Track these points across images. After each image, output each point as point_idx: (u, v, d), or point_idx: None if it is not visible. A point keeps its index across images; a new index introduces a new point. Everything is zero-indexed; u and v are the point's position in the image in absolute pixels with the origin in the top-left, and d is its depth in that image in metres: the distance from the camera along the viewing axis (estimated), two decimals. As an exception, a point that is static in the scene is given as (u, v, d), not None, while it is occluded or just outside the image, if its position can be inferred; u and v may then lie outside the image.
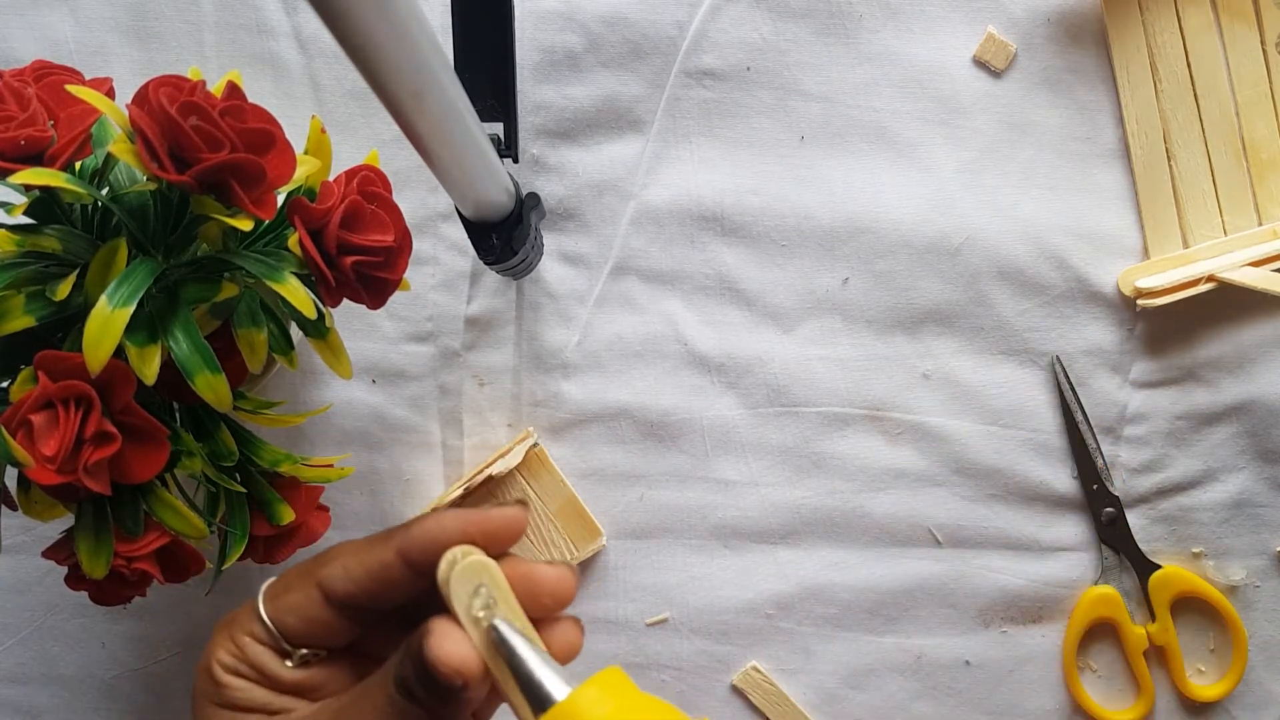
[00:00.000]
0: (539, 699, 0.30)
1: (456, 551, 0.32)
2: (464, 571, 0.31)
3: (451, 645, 0.30)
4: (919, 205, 0.53)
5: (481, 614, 0.31)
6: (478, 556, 0.32)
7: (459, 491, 0.52)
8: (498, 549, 0.33)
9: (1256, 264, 0.51)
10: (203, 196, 0.38)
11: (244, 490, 0.44)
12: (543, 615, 0.33)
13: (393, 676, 0.32)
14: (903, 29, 0.52)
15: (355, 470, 0.54)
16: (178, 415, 0.44)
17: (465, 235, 0.44)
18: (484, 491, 0.53)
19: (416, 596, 0.34)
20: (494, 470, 0.52)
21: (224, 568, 0.44)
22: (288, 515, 0.45)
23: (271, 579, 0.36)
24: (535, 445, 0.54)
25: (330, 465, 0.48)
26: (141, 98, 0.37)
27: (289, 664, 0.35)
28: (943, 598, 0.55)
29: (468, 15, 0.43)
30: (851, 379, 0.54)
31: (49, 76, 0.41)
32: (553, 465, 0.54)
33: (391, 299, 0.44)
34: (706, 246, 0.54)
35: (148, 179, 0.38)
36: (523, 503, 0.34)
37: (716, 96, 0.53)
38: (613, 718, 0.29)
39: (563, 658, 0.32)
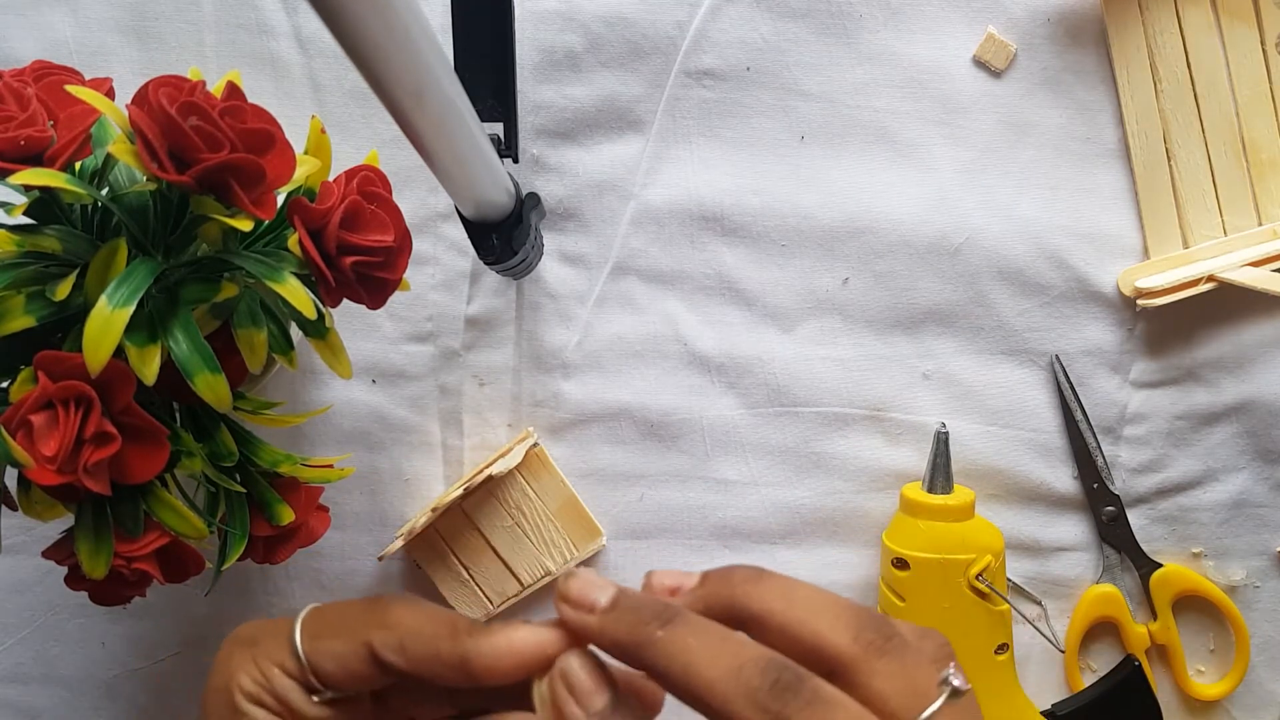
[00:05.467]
0: None
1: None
2: None
3: None
4: (919, 205, 0.53)
5: None
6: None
7: (459, 491, 0.52)
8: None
9: (1256, 264, 0.51)
10: (203, 196, 0.38)
11: (244, 490, 0.44)
12: None
13: None
14: (903, 29, 0.52)
15: (355, 470, 0.54)
16: (178, 415, 0.44)
17: (465, 235, 0.44)
18: (484, 491, 0.53)
19: None
20: (494, 470, 0.52)
21: (224, 568, 0.44)
22: (288, 515, 0.45)
23: (311, 608, 0.35)
24: (535, 445, 0.54)
25: (330, 465, 0.48)
26: (141, 98, 0.37)
27: (315, 699, 0.34)
28: (943, 598, 0.55)
29: (468, 15, 0.43)
30: (851, 379, 0.54)
31: (49, 76, 0.41)
32: (553, 465, 0.54)
33: (391, 299, 0.44)
34: (706, 246, 0.54)
35: (148, 179, 0.38)
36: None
37: (716, 96, 0.53)
38: None
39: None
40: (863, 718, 0.27)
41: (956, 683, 0.29)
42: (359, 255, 0.41)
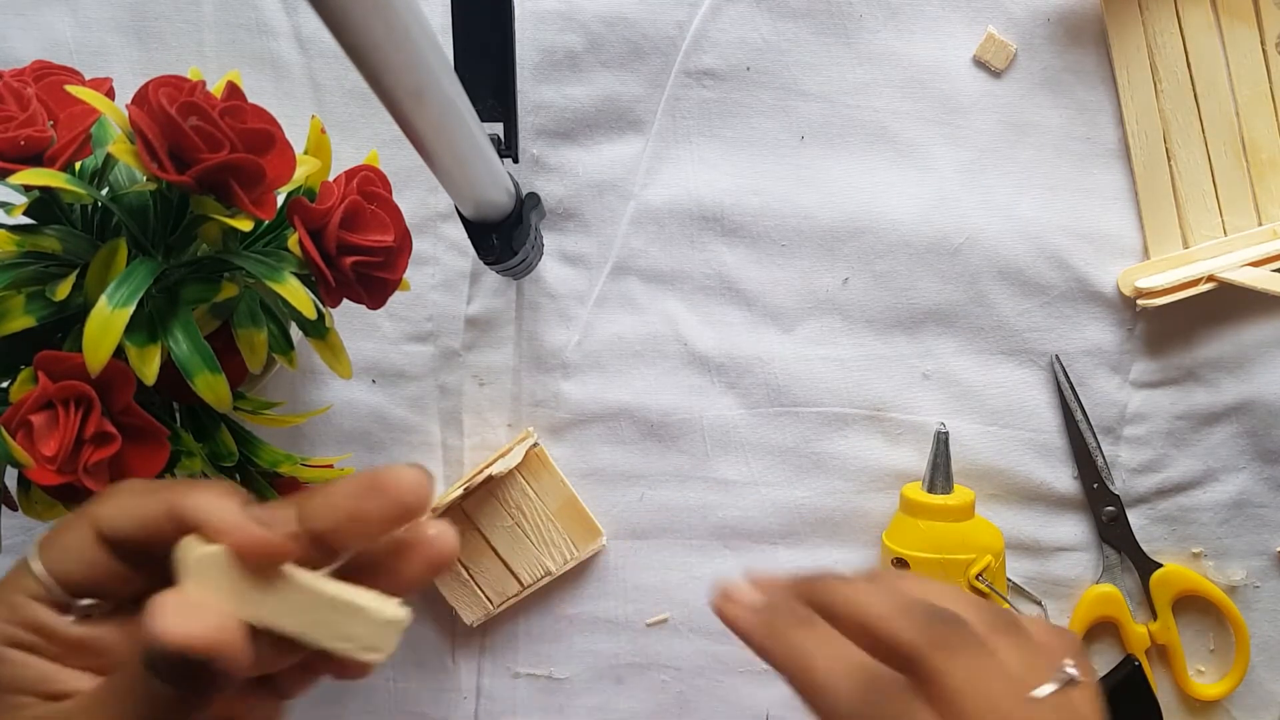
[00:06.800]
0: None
1: (191, 540, 0.27)
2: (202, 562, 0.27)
3: (185, 620, 0.26)
4: (919, 205, 0.53)
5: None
6: (211, 549, 0.27)
7: (459, 491, 0.52)
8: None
9: (1256, 264, 0.51)
10: (203, 196, 0.38)
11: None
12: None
13: (140, 653, 0.27)
14: (903, 29, 0.52)
15: (355, 470, 0.53)
16: (178, 415, 0.44)
17: (465, 235, 0.44)
18: (484, 491, 0.53)
19: None
20: (494, 470, 0.52)
21: (224, 568, 0.44)
22: (288, 515, 0.45)
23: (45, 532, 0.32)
24: (535, 445, 0.54)
25: (330, 465, 0.48)
26: (141, 98, 0.37)
27: (71, 619, 0.30)
28: (943, 598, 0.55)
29: (468, 15, 0.43)
30: (851, 379, 0.54)
31: (49, 76, 0.41)
32: (553, 465, 0.54)
33: (391, 299, 0.44)
34: (706, 246, 0.54)
35: (148, 179, 0.38)
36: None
37: (716, 96, 0.53)
38: None
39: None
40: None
41: (1073, 672, 0.31)
42: (359, 255, 0.41)
